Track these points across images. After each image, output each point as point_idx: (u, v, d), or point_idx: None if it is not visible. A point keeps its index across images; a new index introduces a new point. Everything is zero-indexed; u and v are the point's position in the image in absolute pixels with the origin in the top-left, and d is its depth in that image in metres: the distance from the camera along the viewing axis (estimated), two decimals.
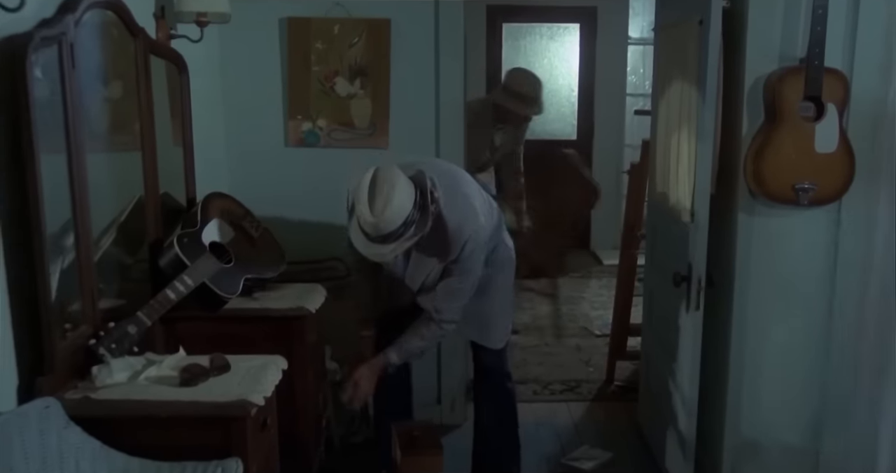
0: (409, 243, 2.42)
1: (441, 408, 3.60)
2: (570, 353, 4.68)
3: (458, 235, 2.53)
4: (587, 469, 3.26)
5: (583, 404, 3.98)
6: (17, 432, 1.77)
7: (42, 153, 1.94)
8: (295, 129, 3.55)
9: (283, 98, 3.52)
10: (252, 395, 2.01)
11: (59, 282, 2.11)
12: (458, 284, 2.62)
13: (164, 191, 2.77)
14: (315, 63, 3.49)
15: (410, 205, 2.37)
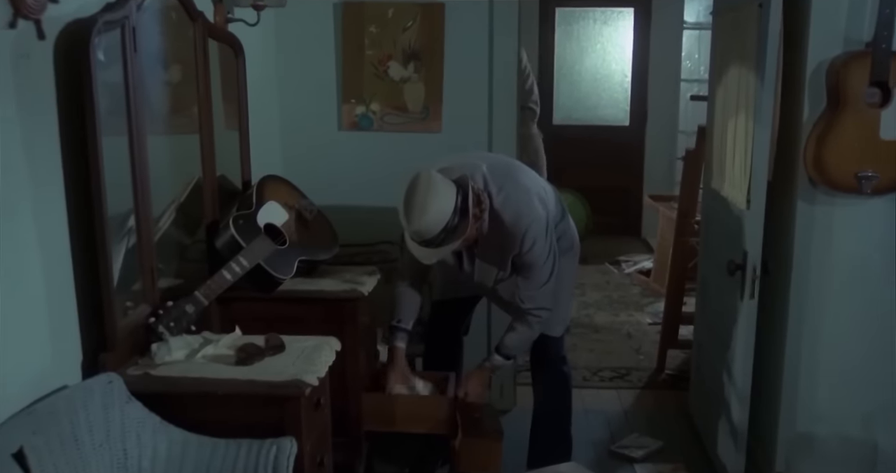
0: (453, 247, 2.49)
1: (490, 393, 3.61)
2: (620, 341, 4.65)
3: (516, 229, 2.57)
4: (637, 457, 3.25)
5: (633, 392, 3.96)
6: (82, 405, 1.82)
7: (104, 135, 1.98)
8: (348, 113, 3.57)
9: (336, 82, 3.54)
10: (306, 375, 2.04)
11: (122, 262, 2.17)
12: (533, 275, 2.65)
13: (220, 173, 2.81)
14: (369, 47, 3.50)
15: (449, 211, 2.42)
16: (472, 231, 2.50)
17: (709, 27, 3.52)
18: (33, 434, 1.68)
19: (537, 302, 2.69)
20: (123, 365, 2.07)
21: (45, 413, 1.74)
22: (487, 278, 2.77)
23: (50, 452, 1.71)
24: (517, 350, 2.82)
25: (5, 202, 1.75)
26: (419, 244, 2.49)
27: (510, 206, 2.58)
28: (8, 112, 1.77)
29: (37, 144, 1.87)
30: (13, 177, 1.78)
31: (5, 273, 1.75)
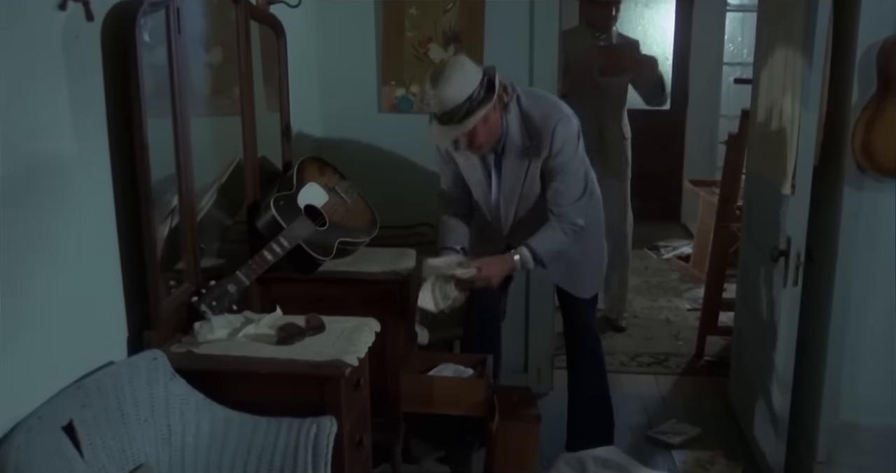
0: (476, 120, 2.44)
1: (527, 377, 3.61)
2: (659, 326, 4.62)
3: (545, 124, 2.56)
4: (674, 444, 3.23)
5: (671, 377, 3.93)
6: (127, 381, 1.86)
7: (149, 117, 2.01)
8: (388, 95, 3.57)
9: (377, 64, 3.53)
10: (346, 356, 2.06)
11: (165, 241, 2.20)
12: (565, 183, 2.62)
13: (261, 154, 2.83)
14: (409, 29, 3.49)
15: (476, 82, 2.43)
16: (496, 116, 2.51)
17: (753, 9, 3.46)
18: (82, 408, 1.73)
19: (571, 216, 2.64)
20: (167, 343, 2.10)
21: (94, 387, 1.78)
22: (512, 195, 2.70)
23: (97, 426, 1.75)
24: (545, 251, 2.66)
25: (56, 182, 1.79)
26: (441, 122, 2.47)
27: (539, 106, 2.60)
28: (59, 93, 1.79)
29: (85, 125, 1.90)
30: (63, 158, 1.81)
31: (56, 252, 1.79)
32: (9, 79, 1.63)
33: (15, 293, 1.66)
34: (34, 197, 1.72)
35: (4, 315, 1.63)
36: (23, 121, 1.68)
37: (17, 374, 1.66)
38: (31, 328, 1.71)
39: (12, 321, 1.65)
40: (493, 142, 2.59)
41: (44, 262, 1.75)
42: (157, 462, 1.87)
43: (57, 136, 1.79)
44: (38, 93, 1.72)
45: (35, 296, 1.72)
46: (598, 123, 4.15)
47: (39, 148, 1.73)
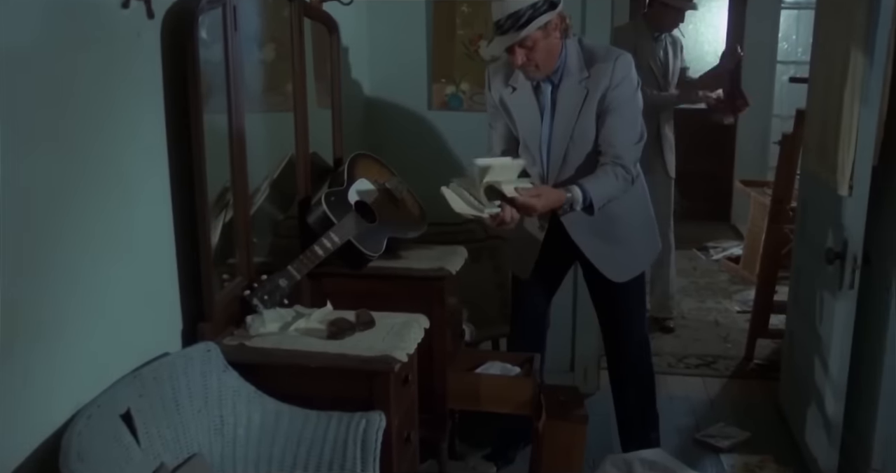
0: (536, 26, 2.41)
1: (574, 376, 3.59)
2: (707, 328, 4.56)
3: (606, 56, 2.54)
4: (722, 447, 3.18)
5: (719, 380, 3.88)
6: (182, 372, 1.89)
7: (205, 113, 2.04)
8: (438, 93, 3.58)
9: (427, 61, 3.54)
10: (396, 351, 2.07)
11: (219, 236, 2.23)
12: (621, 120, 2.56)
13: (312, 150, 2.86)
14: (460, 26, 3.49)
15: None
16: (556, 37, 2.49)
17: (808, 6, 3.40)
18: (139, 397, 1.76)
19: (624, 157, 2.54)
20: (220, 335, 2.13)
21: (150, 377, 1.82)
22: (564, 135, 2.61)
23: (154, 415, 1.79)
24: (597, 194, 2.51)
25: (116, 177, 1.82)
26: (500, 31, 2.44)
27: (601, 46, 2.65)
28: (120, 90, 1.83)
29: (145, 121, 1.94)
30: (123, 151, 1.85)
31: (117, 245, 1.83)
32: (75, 75, 1.67)
33: (80, 285, 1.70)
34: (97, 191, 1.76)
35: (70, 306, 1.67)
36: (86, 117, 1.72)
37: (80, 362, 1.70)
38: (93, 318, 1.75)
39: (77, 312, 1.69)
40: (550, 67, 2.54)
41: (105, 255, 1.79)
42: (210, 452, 1.90)
43: (117, 132, 1.83)
44: (100, 90, 1.76)
45: (98, 288, 1.77)
46: (657, 124, 4.12)
47: (100, 143, 1.77)
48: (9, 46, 1.48)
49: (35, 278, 1.58)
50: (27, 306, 1.56)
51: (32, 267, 1.57)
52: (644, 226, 2.84)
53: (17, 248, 1.53)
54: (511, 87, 2.68)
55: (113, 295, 1.82)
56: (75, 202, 1.69)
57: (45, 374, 1.60)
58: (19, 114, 1.52)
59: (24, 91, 1.53)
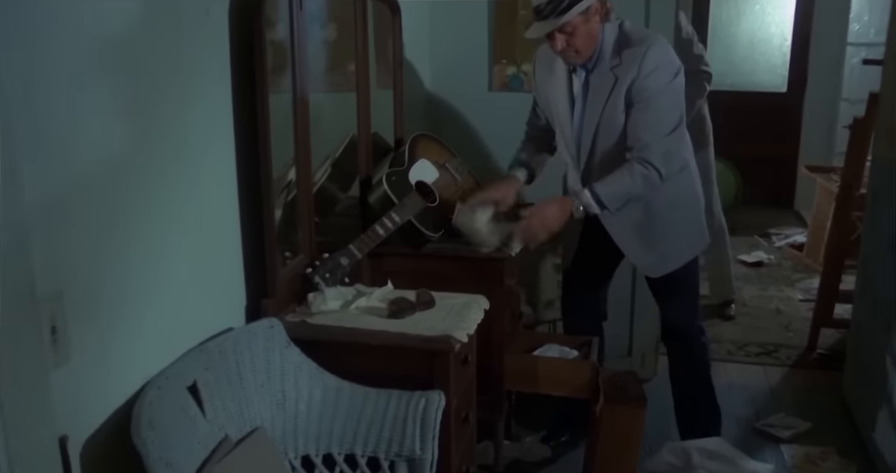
0: (576, 12, 2.34)
1: (631, 361, 3.56)
2: (768, 316, 4.46)
3: (640, 44, 2.43)
4: (783, 437, 3.12)
5: (780, 369, 3.80)
6: (246, 347, 1.92)
7: (271, 92, 2.06)
8: (499, 74, 3.55)
9: (488, 42, 3.52)
10: (456, 332, 2.07)
11: (282, 213, 2.26)
12: (650, 110, 2.43)
13: (373, 130, 2.86)
14: (522, 6, 3.45)
15: None
16: (596, 21, 2.42)
17: None
18: (205, 370, 1.80)
19: (647, 152, 2.41)
20: (283, 312, 2.16)
21: (216, 351, 1.85)
22: (591, 122, 2.53)
23: (218, 388, 1.82)
24: (608, 197, 2.46)
25: (184, 150, 1.85)
26: (540, 16, 2.38)
27: (640, 31, 2.53)
28: (189, 68, 1.86)
29: (212, 99, 1.96)
30: (192, 127, 1.88)
31: (186, 221, 1.87)
32: (149, 53, 1.70)
33: (151, 258, 1.74)
34: (166, 164, 1.79)
35: (141, 279, 1.71)
36: (157, 93, 1.74)
37: (150, 335, 1.74)
38: (162, 293, 1.79)
39: (146, 285, 1.73)
40: (588, 52, 2.46)
41: (174, 229, 1.82)
42: (272, 426, 1.93)
43: (187, 109, 1.86)
44: (170, 69, 1.79)
45: (166, 262, 1.80)
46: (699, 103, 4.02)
47: (171, 119, 1.80)
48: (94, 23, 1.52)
49: (109, 250, 1.62)
50: (101, 278, 1.60)
51: (109, 238, 1.61)
52: (689, 220, 2.71)
53: (95, 219, 1.57)
54: (550, 71, 2.64)
55: (180, 269, 1.86)
56: (146, 175, 1.72)
57: (116, 346, 1.64)
58: (102, 88, 1.56)
59: (103, 64, 1.57)
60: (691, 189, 2.69)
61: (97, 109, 1.56)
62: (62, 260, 1.48)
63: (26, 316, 1.35)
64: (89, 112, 1.54)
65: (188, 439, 1.68)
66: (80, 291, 1.53)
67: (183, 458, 1.61)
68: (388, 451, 1.92)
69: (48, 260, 1.43)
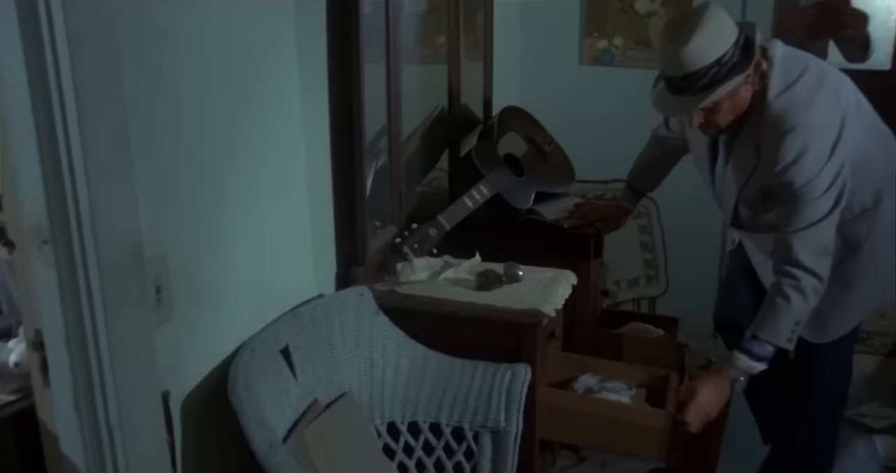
0: (721, 93, 1.82)
1: (716, 342, 3.47)
2: None
3: (780, 121, 1.87)
4: (876, 428, 3.02)
5: (874, 358, 3.66)
6: (336, 313, 1.96)
7: (365, 63, 2.07)
8: (590, 47, 3.49)
9: (579, 15, 3.46)
10: (544, 305, 2.06)
11: (372, 183, 2.28)
12: (793, 207, 1.91)
13: (462, 102, 2.86)
14: None
15: (730, 41, 1.80)
16: (746, 89, 1.88)
17: None
18: (297, 335, 1.84)
19: (796, 256, 1.89)
20: (372, 281, 2.19)
21: (308, 316, 1.89)
22: (732, 189, 2.07)
23: (309, 352, 1.86)
24: (770, 334, 1.92)
25: (282, 120, 1.89)
26: (674, 89, 1.87)
27: (785, 96, 1.88)
28: (289, 39, 1.88)
29: (309, 72, 1.98)
30: (288, 100, 1.91)
31: (280, 188, 1.90)
32: (244, 27, 1.73)
33: (249, 224, 1.78)
34: (263, 140, 1.82)
35: (238, 246, 1.75)
36: (254, 68, 1.77)
37: (245, 298, 1.79)
38: (257, 258, 1.84)
39: (243, 252, 1.78)
40: (733, 125, 1.96)
41: (270, 200, 1.86)
42: (360, 392, 1.97)
43: (283, 82, 1.88)
44: (267, 42, 1.81)
45: (262, 231, 1.84)
46: None
47: (267, 92, 1.83)
48: None
49: (209, 217, 1.66)
50: (201, 243, 1.64)
51: (209, 205, 1.66)
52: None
53: (197, 187, 1.61)
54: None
55: (275, 236, 1.90)
56: (245, 145, 1.76)
57: (213, 307, 1.70)
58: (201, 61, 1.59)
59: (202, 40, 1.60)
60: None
61: (199, 82, 1.59)
62: (166, 224, 1.53)
63: (136, 276, 1.40)
64: (193, 84, 1.57)
65: (280, 400, 1.72)
66: (182, 254, 1.58)
67: (275, 418, 1.65)
68: (472, 422, 1.93)
69: (153, 224, 1.48)
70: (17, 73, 1.23)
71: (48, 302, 1.33)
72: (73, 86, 1.25)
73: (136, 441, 1.43)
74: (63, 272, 1.32)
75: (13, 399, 1.54)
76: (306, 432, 1.73)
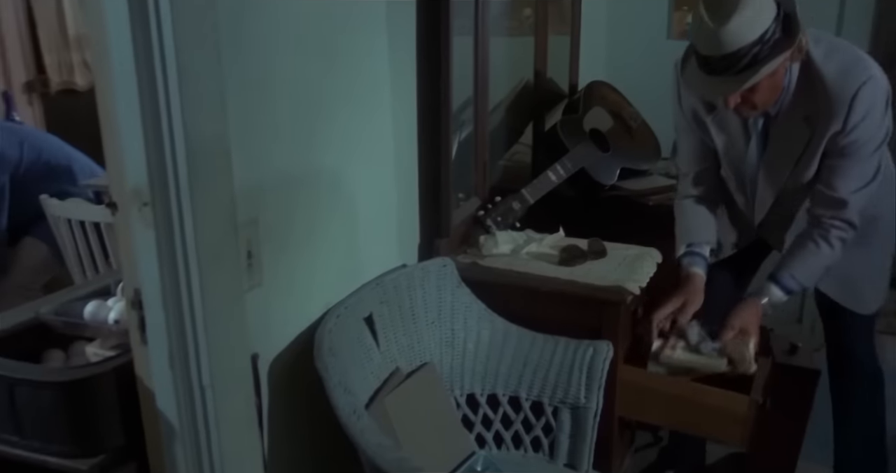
0: (765, 72, 1.75)
1: (801, 328, 3.39)
2: None
3: (842, 85, 1.82)
4: None
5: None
6: (419, 284, 1.96)
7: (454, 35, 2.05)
8: (679, 21, 3.40)
9: None
10: (629, 283, 2.03)
11: (455, 155, 2.27)
12: (852, 165, 1.90)
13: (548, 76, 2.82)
14: None
15: (771, 17, 1.73)
16: (784, 68, 1.82)
17: None
18: (380, 304, 1.85)
19: (850, 210, 1.92)
20: (454, 253, 2.19)
21: (391, 286, 1.90)
22: (777, 175, 2.02)
23: (392, 321, 1.88)
24: (806, 277, 2.00)
25: (372, 90, 1.89)
26: (711, 70, 1.78)
27: (834, 59, 1.85)
28: (379, 7, 1.88)
29: (398, 40, 1.98)
30: (378, 67, 1.91)
31: (369, 160, 1.91)
32: None
33: (335, 195, 1.80)
34: (353, 109, 1.83)
35: (326, 214, 1.77)
36: (349, 33, 1.78)
37: (331, 266, 1.82)
38: (343, 227, 1.85)
39: (330, 219, 1.80)
40: (770, 103, 1.90)
41: (358, 169, 1.87)
42: (440, 362, 1.97)
43: (375, 43, 1.89)
44: (361, 7, 1.81)
45: (349, 200, 1.86)
46: None
47: (357, 60, 1.83)
48: None
49: (299, 184, 1.68)
50: (290, 210, 1.66)
51: (299, 172, 1.68)
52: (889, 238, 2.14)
53: (287, 153, 1.63)
54: (708, 105, 2.05)
55: (361, 205, 1.91)
56: (334, 114, 1.77)
57: (301, 274, 1.72)
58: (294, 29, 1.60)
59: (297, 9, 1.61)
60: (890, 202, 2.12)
61: (292, 49, 1.61)
62: (257, 190, 1.55)
63: (229, 240, 1.43)
64: (286, 50, 1.58)
65: (362, 368, 1.74)
66: (272, 220, 1.60)
67: (358, 385, 1.67)
68: (552, 397, 1.92)
69: (246, 188, 1.50)
70: (123, 40, 1.26)
71: (147, 263, 1.37)
72: (175, 52, 1.27)
73: (226, 400, 1.46)
74: (161, 233, 1.35)
75: (113, 354, 1.59)
76: (388, 400, 1.75)
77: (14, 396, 1.50)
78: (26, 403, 1.50)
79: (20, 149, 2.84)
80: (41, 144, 2.96)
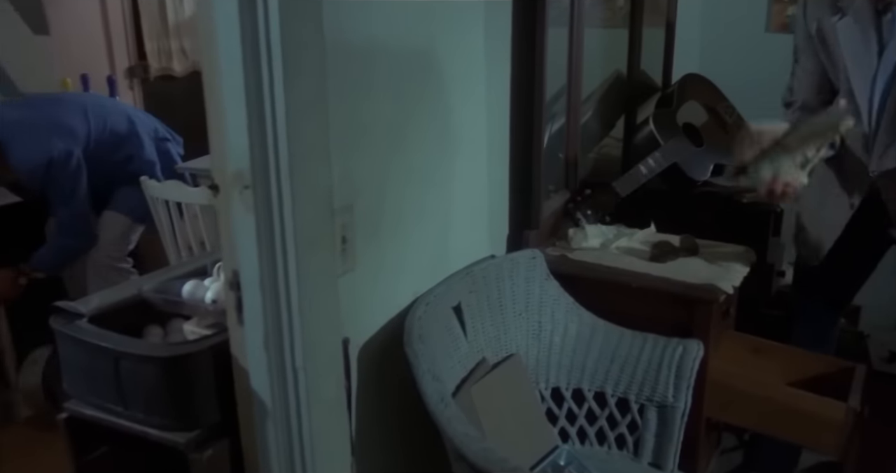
0: None
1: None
2: None
3: None
4: None
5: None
6: (508, 275, 1.96)
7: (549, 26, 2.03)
8: (779, 13, 3.29)
9: None
10: (721, 282, 1.98)
11: (547, 146, 2.25)
12: None
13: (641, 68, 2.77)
14: None
15: None
16: None
17: None
18: (469, 293, 1.86)
19: None
20: (542, 245, 2.17)
21: (480, 276, 1.90)
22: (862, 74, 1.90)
23: (480, 311, 1.88)
24: None
25: (467, 79, 1.89)
26: None
27: None
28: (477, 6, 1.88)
29: (494, 29, 1.97)
30: (473, 56, 1.90)
31: (459, 147, 1.91)
32: None
33: (428, 184, 1.81)
34: (450, 95, 1.83)
35: (418, 203, 1.78)
36: (446, 22, 1.78)
37: (421, 254, 1.82)
38: (435, 216, 1.86)
39: (422, 208, 1.80)
40: None
41: (450, 159, 1.88)
42: (526, 354, 1.97)
43: (471, 40, 1.88)
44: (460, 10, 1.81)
45: (441, 189, 1.86)
46: None
47: (451, 52, 1.83)
48: None
49: (392, 173, 1.69)
50: (384, 197, 1.68)
51: (393, 162, 1.69)
52: None
53: (382, 143, 1.65)
54: (839, 12, 1.93)
55: (452, 195, 1.91)
56: (428, 105, 1.77)
57: (392, 261, 1.73)
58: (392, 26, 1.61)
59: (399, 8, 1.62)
60: None
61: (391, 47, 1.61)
62: (353, 177, 1.57)
63: (326, 226, 1.45)
64: (385, 48, 1.59)
65: (450, 357, 1.75)
66: (366, 207, 1.62)
67: (445, 373, 1.68)
68: (639, 394, 1.89)
69: (344, 174, 1.52)
70: (231, 28, 1.28)
71: (246, 245, 1.39)
72: (280, 42, 1.29)
73: (318, 383, 1.48)
74: (261, 216, 1.38)
75: (209, 333, 1.64)
76: (474, 390, 1.75)
77: (119, 368, 1.56)
78: (129, 376, 1.55)
79: (86, 120, 2.83)
80: (101, 110, 2.93)
